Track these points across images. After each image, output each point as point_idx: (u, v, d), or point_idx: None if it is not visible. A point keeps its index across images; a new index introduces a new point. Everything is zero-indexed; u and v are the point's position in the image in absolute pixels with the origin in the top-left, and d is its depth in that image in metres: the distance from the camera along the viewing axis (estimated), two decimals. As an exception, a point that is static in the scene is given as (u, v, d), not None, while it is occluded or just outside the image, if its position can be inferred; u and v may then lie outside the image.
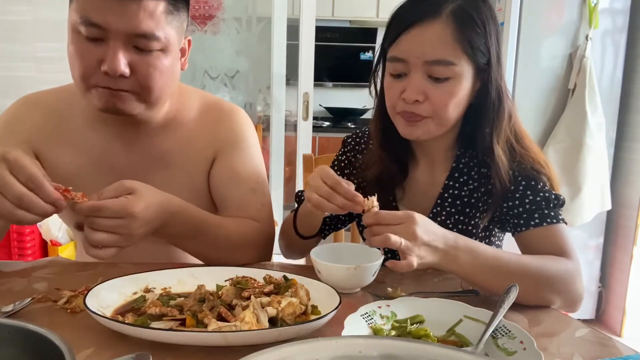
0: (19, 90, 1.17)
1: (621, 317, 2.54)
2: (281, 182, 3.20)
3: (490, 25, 0.91)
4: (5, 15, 2.63)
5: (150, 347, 0.65)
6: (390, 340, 0.50)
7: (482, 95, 0.94)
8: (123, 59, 0.86)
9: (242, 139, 1.09)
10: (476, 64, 0.91)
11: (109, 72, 0.85)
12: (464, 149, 1.02)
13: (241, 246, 0.99)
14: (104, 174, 1.02)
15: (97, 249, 0.79)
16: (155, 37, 0.87)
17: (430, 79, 0.90)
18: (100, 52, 0.86)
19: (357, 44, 4.45)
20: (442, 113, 0.92)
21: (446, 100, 0.90)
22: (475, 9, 0.90)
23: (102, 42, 0.86)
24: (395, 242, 0.75)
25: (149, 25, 0.86)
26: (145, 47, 0.87)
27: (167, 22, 0.89)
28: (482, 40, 0.90)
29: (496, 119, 0.95)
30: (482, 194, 1.00)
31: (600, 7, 2.36)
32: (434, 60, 0.88)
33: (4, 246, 2.29)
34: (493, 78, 0.93)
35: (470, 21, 0.89)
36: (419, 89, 0.90)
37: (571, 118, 2.38)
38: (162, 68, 0.90)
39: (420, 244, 0.77)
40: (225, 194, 1.06)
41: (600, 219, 2.54)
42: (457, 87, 0.90)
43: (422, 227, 0.78)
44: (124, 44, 0.86)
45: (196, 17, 3.05)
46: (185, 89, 1.11)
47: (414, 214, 0.79)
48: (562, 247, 0.91)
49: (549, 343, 0.72)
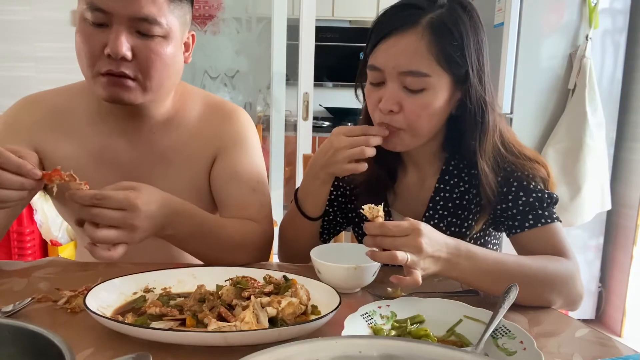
0: (19, 90, 1.18)
1: (621, 317, 2.54)
2: (281, 182, 3.19)
3: (469, 37, 0.89)
4: (5, 15, 2.63)
5: (150, 347, 0.65)
6: (390, 340, 0.50)
7: (463, 106, 0.93)
8: (125, 42, 0.88)
9: (244, 139, 1.10)
10: (453, 75, 0.90)
11: (111, 54, 0.88)
12: (452, 153, 1.01)
13: (242, 247, 0.99)
14: (105, 170, 1.02)
15: (105, 251, 0.79)
16: (157, 22, 0.90)
17: (405, 89, 0.89)
18: (105, 36, 0.88)
19: (357, 44, 4.45)
20: (415, 124, 0.91)
21: (420, 112, 0.90)
22: (453, 20, 0.88)
23: (106, 28, 0.89)
24: (402, 260, 0.75)
25: (150, 10, 0.88)
26: (148, 31, 0.90)
27: (169, 10, 0.91)
28: (459, 52, 0.88)
29: (481, 133, 0.94)
30: (474, 196, 1.00)
31: (600, 7, 2.36)
32: (407, 71, 0.88)
33: (4, 246, 2.29)
34: (472, 90, 0.91)
35: (446, 33, 0.87)
36: (394, 100, 0.90)
37: (571, 118, 2.39)
38: (163, 54, 0.92)
39: (425, 256, 0.76)
40: (225, 193, 1.06)
41: (600, 219, 2.54)
42: (431, 99, 0.89)
43: (427, 239, 0.77)
44: (127, 28, 0.88)
45: (196, 17, 3.05)
46: (189, 88, 1.12)
47: (419, 225, 0.77)
48: (559, 247, 0.91)
49: (549, 343, 0.72)
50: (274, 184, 3.15)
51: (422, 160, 1.04)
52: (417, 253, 0.76)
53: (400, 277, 0.76)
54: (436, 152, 1.02)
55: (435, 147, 1.01)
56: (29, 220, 2.29)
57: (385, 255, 0.75)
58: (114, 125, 1.02)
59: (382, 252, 0.76)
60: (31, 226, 2.31)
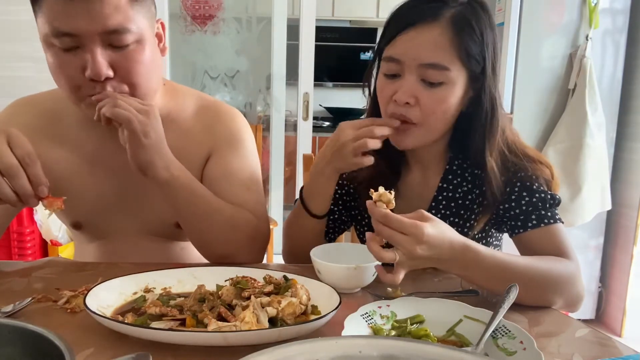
0: (19, 90, 1.17)
1: (621, 317, 2.54)
2: (281, 182, 3.20)
3: (487, 35, 0.90)
4: (5, 15, 2.62)
5: (150, 347, 0.65)
6: (390, 340, 0.50)
7: (475, 104, 0.93)
8: (103, 61, 0.85)
9: (238, 139, 1.08)
10: (470, 71, 0.90)
11: (93, 78, 0.86)
12: (457, 152, 1.01)
13: (232, 227, 0.98)
14: (98, 174, 1.02)
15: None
16: (127, 29, 0.86)
17: (423, 82, 0.89)
18: (79, 59, 0.86)
19: (357, 44, 4.45)
20: (429, 119, 0.91)
21: (435, 107, 0.90)
22: (474, 17, 0.89)
23: (78, 50, 0.86)
24: (390, 260, 0.75)
25: (117, 19, 0.85)
26: (120, 42, 0.87)
27: (135, 12, 0.88)
28: (479, 49, 0.89)
29: (489, 132, 0.94)
30: (477, 196, 1.00)
31: (600, 7, 2.36)
32: (428, 63, 0.88)
33: (4, 246, 2.29)
34: (487, 88, 0.92)
35: (468, 28, 0.88)
36: (411, 92, 0.89)
37: (571, 118, 2.39)
38: (142, 60, 0.90)
39: (415, 258, 0.75)
40: (218, 192, 1.04)
41: (600, 219, 2.54)
42: (448, 93, 0.90)
43: (426, 245, 0.74)
44: (99, 45, 0.86)
45: (196, 17, 3.05)
46: (179, 88, 1.10)
47: (424, 228, 0.73)
48: (561, 248, 0.91)
49: (549, 343, 0.72)
50: (274, 184, 3.15)
51: (427, 159, 1.04)
52: (408, 255, 0.74)
53: (382, 270, 0.78)
54: (442, 151, 1.02)
55: (441, 147, 1.02)
56: (29, 220, 2.29)
57: (374, 250, 0.76)
58: (107, 128, 1.01)
59: (374, 246, 0.76)
60: (31, 226, 2.31)
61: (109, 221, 1.06)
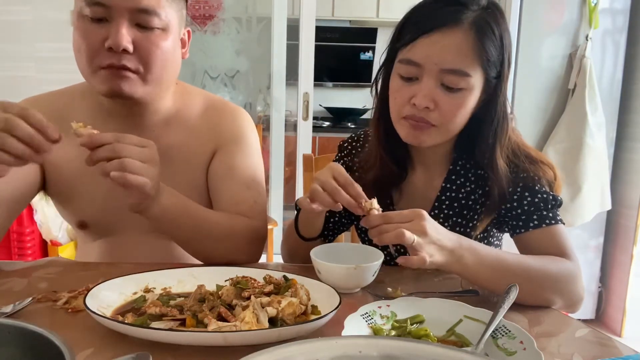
0: (19, 90, 1.18)
1: (621, 317, 2.54)
2: (281, 182, 3.19)
3: (506, 38, 0.90)
4: (5, 15, 2.62)
5: (150, 347, 0.65)
6: (390, 340, 0.50)
7: (487, 106, 0.93)
8: (126, 35, 0.89)
9: (243, 138, 1.10)
10: (488, 76, 0.90)
11: (112, 47, 0.89)
12: (461, 153, 1.01)
13: (229, 237, 0.98)
14: None
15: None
16: (157, 13, 0.91)
17: (442, 87, 0.88)
18: (104, 31, 0.90)
19: (357, 44, 4.44)
20: (449, 123, 0.91)
21: (455, 111, 0.90)
22: (494, 21, 0.88)
23: (105, 22, 0.90)
24: (409, 239, 0.75)
25: (149, 1, 0.90)
26: (147, 23, 0.91)
27: (167, 3, 0.93)
28: (498, 54, 0.89)
29: (500, 134, 0.94)
30: (480, 196, 1.00)
31: (600, 7, 2.36)
32: (450, 69, 0.87)
33: (4, 246, 2.29)
34: (502, 92, 0.92)
35: (489, 33, 0.87)
36: (430, 96, 0.88)
37: (571, 118, 2.39)
38: (163, 47, 0.94)
39: (429, 241, 0.78)
40: (219, 188, 1.06)
41: (600, 219, 2.54)
42: (467, 99, 0.89)
43: (431, 224, 0.79)
44: (127, 21, 0.90)
45: (196, 17, 3.05)
46: (189, 88, 1.13)
47: (420, 210, 0.79)
48: (562, 248, 0.91)
49: (549, 343, 0.72)
50: (274, 184, 3.15)
51: (432, 159, 1.04)
52: (422, 235, 0.77)
53: (407, 257, 0.77)
54: (448, 151, 1.02)
55: (448, 147, 1.02)
56: (29, 220, 2.29)
57: (392, 234, 0.76)
58: (115, 126, 1.02)
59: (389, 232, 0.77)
60: (31, 226, 2.31)
61: (115, 220, 1.07)
